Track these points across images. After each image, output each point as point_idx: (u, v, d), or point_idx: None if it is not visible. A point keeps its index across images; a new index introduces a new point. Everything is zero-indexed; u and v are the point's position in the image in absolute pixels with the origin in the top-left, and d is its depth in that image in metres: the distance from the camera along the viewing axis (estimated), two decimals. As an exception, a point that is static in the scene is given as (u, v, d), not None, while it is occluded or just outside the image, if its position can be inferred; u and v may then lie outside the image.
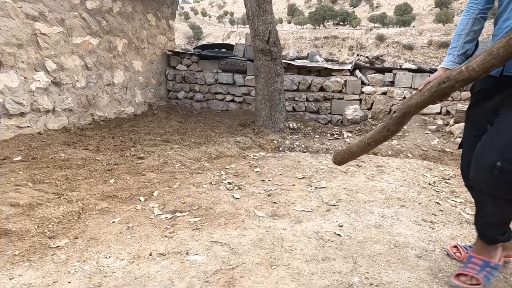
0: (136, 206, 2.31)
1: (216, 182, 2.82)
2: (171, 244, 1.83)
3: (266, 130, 4.72)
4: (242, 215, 2.21)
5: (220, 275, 1.56)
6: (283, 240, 1.88)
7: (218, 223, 2.09)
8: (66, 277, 1.52)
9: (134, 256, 1.70)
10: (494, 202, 1.33)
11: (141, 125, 4.88)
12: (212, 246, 1.82)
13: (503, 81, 1.39)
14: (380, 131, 1.50)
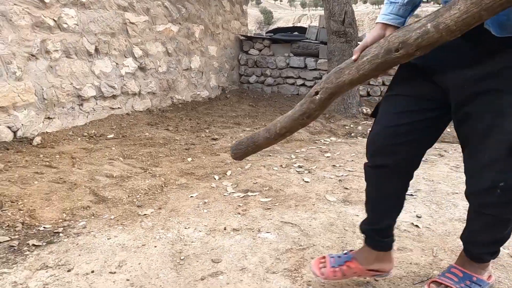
0: (211, 184, 2.45)
1: (286, 165, 2.85)
2: (244, 221, 1.92)
3: (337, 115, 4.59)
4: (313, 198, 2.20)
5: (290, 254, 1.59)
6: (355, 226, 1.84)
7: (289, 204, 2.12)
8: (152, 241, 1.69)
9: (210, 229, 1.82)
10: (492, 220, 1.10)
11: (214, 108, 5.10)
12: (283, 226, 1.86)
13: (476, 47, 0.99)
14: (298, 118, 1.14)
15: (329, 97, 1.07)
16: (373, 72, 0.98)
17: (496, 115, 0.97)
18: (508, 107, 0.96)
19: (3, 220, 1.77)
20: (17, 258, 1.50)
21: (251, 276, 1.43)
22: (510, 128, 0.97)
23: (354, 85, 1.04)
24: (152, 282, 1.39)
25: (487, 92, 0.98)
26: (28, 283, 1.35)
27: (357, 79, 1.00)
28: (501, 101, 0.96)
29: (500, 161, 0.99)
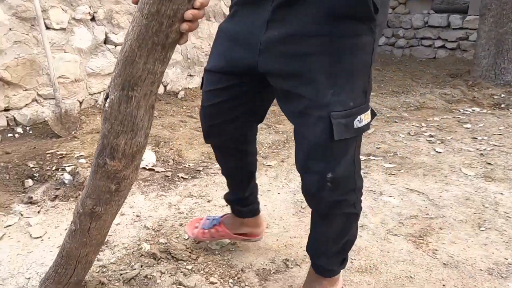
0: (332, 144, 2.46)
1: (415, 133, 2.63)
2: (365, 182, 1.88)
3: (484, 83, 3.91)
4: (445, 170, 2.00)
5: (415, 220, 1.52)
6: (498, 205, 1.61)
7: (416, 173, 1.98)
8: (276, 189, 1.83)
9: (330, 186, 1.86)
10: (331, 219, 0.92)
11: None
12: (407, 193, 1.76)
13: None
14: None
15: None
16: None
17: (306, 85, 0.79)
18: (316, 73, 0.77)
19: (160, 156, 2.16)
20: (171, 186, 1.83)
21: (371, 234, 1.43)
22: (324, 100, 0.78)
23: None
24: (276, 222, 1.53)
25: (293, 57, 0.79)
26: (179, 205, 1.65)
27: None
28: (308, 68, 0.78)
29: (322, 146, 0.81)
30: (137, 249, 1.32)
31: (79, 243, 0.90)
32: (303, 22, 0.77)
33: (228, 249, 1.34)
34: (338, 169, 0.83)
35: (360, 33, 0.77)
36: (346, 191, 0.87)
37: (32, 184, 1.85)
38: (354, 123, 0.79)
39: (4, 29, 2.36)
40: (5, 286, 1.13)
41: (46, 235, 1.42)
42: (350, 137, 0.81)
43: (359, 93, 0.81)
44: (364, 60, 0.79)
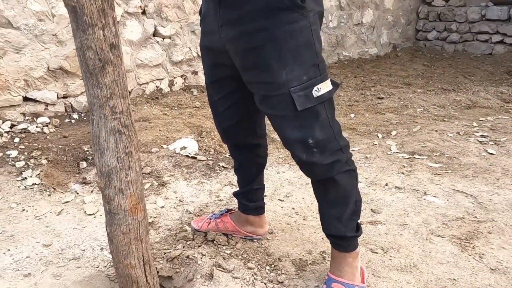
0: (374, 141, 2.40)
1: (464, 133, 2.49)
2: (408, 181, 1.83)
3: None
4: (497, 172, 1.88)
5: (461, 223, 1.45)
6: (557, 212, 1.50)
7: (464, 174, 1.88)
8: (314, 182, 1.83)
9: (371, 182, 1.83)
10: (328, 185, 1.02)
11: (382, 66, 4.78)
12: (454, 194, 1.68)
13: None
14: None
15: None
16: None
17: (264, 72, 0.92)
18: (268, 59, 0.91)
19: (202, 145, 2.24)
20: (212, 174, 1.89)
21: (413, 233, 1.39)
22: (281, 79, 0.91)
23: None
24: (313, 215, 1.53)
25: (248, 51, 0.93)
26: (219, 193, 1.71)
27: None
28: (261, 57, 0.91)
29: (292, 117, 0.94)
30: (180, 231, 1.39)
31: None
32: (246, 21, 0.91)
33: (266, 237, 1.37)
34: (316, 134, 0.94)
35: (295, 20, 0.89)
36: (334, 151, 0.98)
37: (86, 166, 2.00)
38: (313, 93, 0.92)
39: (65, 22, 2.54)
40: (64, 255, 1.25)
41: (98, 212, 1.53)
42: (314, 105, 0.93)
43: (309, 67, 0.92)
44: (305, 40, 0.91)
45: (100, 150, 0.84)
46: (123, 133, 0.83)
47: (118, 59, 0.79)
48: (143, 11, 2.96)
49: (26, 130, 2.41)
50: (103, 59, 0.77)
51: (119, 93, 0.80)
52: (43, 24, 2.45)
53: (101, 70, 0.77)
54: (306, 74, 0.91)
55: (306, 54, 0.91)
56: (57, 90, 2.63)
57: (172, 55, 3.24)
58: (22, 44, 2.40)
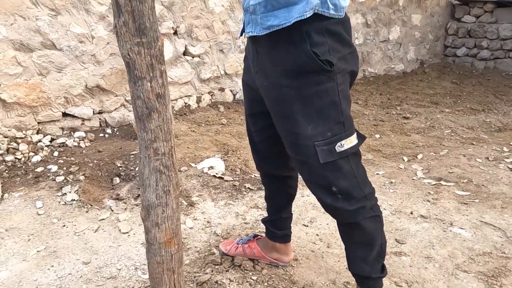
0: (399, 165, 2.39)
1: (494, 158, 2.44)
2: (434, 210, 1.82)
3: None
4: (528, 204, 1.84)
5: (489, 258, 1.44)
6: None
7: (492, 204, 1.85)
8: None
9: (395, 210, 1.83)
10: (353, 229, 1.07)
11: (409, 83, 4.73)
12: (481, 226, 1.66)
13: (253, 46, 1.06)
14: None
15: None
16: None
17: (292, 123, 0.99)
18: (296, 114, 0.97)
19: (228, 164, 2.31)
20: (238, 195, 1.96)
21: (438, 267, 1.39)
22: (307, 133, 0.97)
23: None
24: (337, 243, 1.56)
25: (279, 102, 1.01)
26: (245, 215, 1.77)
27: None
28: (290, 110, 0.98)
29: (317, 167, 0.99)
30: (208, 253, 1.45)
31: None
32: (277, 75, 0.99)
33: (291, 264, 1.41)
34: (340, 183, 1.00)
35: (321, 82, 0.95)
36: (358, 199, 1.02)
37: (119, 182, 2.11)
38: (336, 148, 0.98)
39: (103, 43, 2.70)
40: (101, 273, 1.34)
41: (132, 231, 1.62)
42: (336, 159, 0.98)
43: (334, 124, 0.98)
44: (331, 100, 0.97)
45: (143, 186, 0.92)
46: (163, 172, 0.90)
47: (163, 106, 0.87)
48: (174, 31, 3.10)
49: (64, 144, 2.57)
50: (149, 107, 0.85)
51: (163, 137, 0.88)
52: (83, 46, 2.62)
53: (148, 116, 0.86)
54: (330, 131, 0.97)
55: (331, 113, 0.97)
56: (93, 106, 2.79)
57: (201, 73, 3.35)
58: (64, 64, 2.57)
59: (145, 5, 0.78)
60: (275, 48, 0.98)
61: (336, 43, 0.95)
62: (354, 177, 1.01)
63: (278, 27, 0.94)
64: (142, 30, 0.79)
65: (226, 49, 3.48)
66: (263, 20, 0.96)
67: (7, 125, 2.49)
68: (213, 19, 3.30)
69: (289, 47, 0.95)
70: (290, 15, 0.92)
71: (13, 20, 2.32)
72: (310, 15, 0.91)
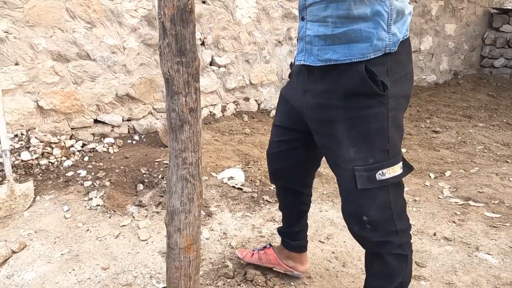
0: (425, 182, 2.31)
1: (530, 178, 2.29)
2: (459, 232, 1.74)
3: None
4: None
5: (517, 289, 1.35)
6: None
7: (525, 229, 1.74)
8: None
9: (417, 230, 1.76)
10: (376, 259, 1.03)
11: (441, 95, 4.56)
12: (510, 252, 1.57)
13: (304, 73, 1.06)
14: None
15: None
16: None
17: (335, 144, 0.98)
18: (340, 135, 0.97)
19: (248, 175, 2.33)
20: (256, 207, 1.96)
21: (459, 295, 1.33)
22: (348, 156, 0.96)
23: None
24: (353, 262, 1.52)
25: (324, 121, 1.00)
26: (261, 228, 1.77)
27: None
28: (334, 131, 0.98)
29: (352, 192, 0.98)
30: (221, 266, 1.47)
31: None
32: (327, 96, 0.98)
33: (303, 282, 1.39)
34: (372, 213, 0.97)
35: (371, 106, 0.93)
36: (387, 233, 0.99)
37: (142, 189, 2.18)
38: (376, 176, 0.94)
39: (134, 54, 2.82)
40: (118, 280, 1.39)
41: (150, 238, 1.67)
42: (374, 187, 0.95)
43: (378, 151, 0.95)
44: (378, 126, 0.94)
45: (170, 192, 0.97)
46: (189, 181, 0.95)
47: (195, 120, 0.93)
48: (202, 42, 3.18)
49: (94, 150, 2.69)
50: (182, 120, 0.91)
51: (192, 147, 0.94)
52: (115, 56, 2.75)
53: (180, 128, 0.92)
54: (373, 158, 0.94)
55: (377, 139, 0.94)
56: (123, 113, 2.91)
57: (226, 83, 3.41)
58: (97, 74, 2.71)
59: (187, 29, 0.85)
60: (329, 70, 0.97)
61: (394, 63, 0.93)
62: (389, 209, 0.97)
63: (336, 61, 0.94)
64: (183, 51, 0.86)
65: (252, 60, 3.52)
66: (320, 52, 0.96)
67: (43, 131, 2.65)
68: (240, 30, 3.36)
69: (342, 70, 0.94)
70: (351, 53, 0.92)
71: (52, 32, 2.48)
72: (372, 57, 0.91)
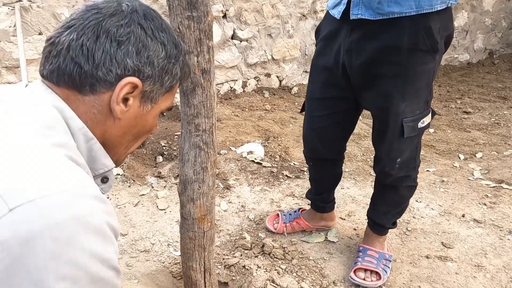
0: (454, 163, 2.19)
1: None
2: (490, 214, 1.64)
3: None
4: None
5: (553, 275, 1.26)
6: None
7: None
8: (380, 203, 1.75)
9: (445, 211, 1.68)
10: (391, 190, 1.24)
11: (474, 75, 4.31)
12: (547, 237, 1.47)
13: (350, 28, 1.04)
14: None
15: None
16: None
17: (384, 99, 1.04)
18: (392, 90, 1.02)
19: (268, 150, 2.28)
20: (275, 182, 1.92)
21: (489, 278, 1.25)
22: (398, 110, 1.04)
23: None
24: (376, 240, 1.46)
25: (374, 78, 1.03)
26: (280, 203, 1.73)
27: None
28: (386, 86, 1.02)
29: (396, 140, 1.09)
30: (239, 237, 1.45)
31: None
32: (380, 53, 0.99)
33: (323, 257, 1.35)
34: (405, 155, 1.12)
35: (426, 62, 0.98)
36: (410, 169, 1.17)
37: (162, 161, 2.18)
38: (418, 124, 1.07)
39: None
40: (136, 246, 1.39)
41: (168, 208, 1.66)
42: (416, 134, 1.09)
43: (423, 103, 1.06)
44: (428, 81, 1.03)
45: (182, 160, 0.92)
46: (203, 149, 0.90)
47: (208, 83, 0.85)
48: (224, 15, 3.09)
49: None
50: (194, 82, 0.84)
51: (205, 113, 0.87)
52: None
53: (192, 91, 0.85)
54: (419, 109, 1.05)
55: (424, 92, 1.04)
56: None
57: (248, 58, 3.32)
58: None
59: None
60: (386, 24, 0.95)
61: (446, 19, 0.96)
62: (415, 150, 1.14)
63: (400, 14, 0.92)
64: (193, 4, 0.78)
65: (275, 34, 3.41)
66: (381, 5, 0.94)
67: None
68: (263, 3, 3.24)
69: (404, 24, 0.94)
70: (419, 5, 0.91)
71: (74, 2, 2.46)
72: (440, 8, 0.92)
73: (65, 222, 0.39)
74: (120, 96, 0.53)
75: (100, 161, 0.56)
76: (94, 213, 0.43)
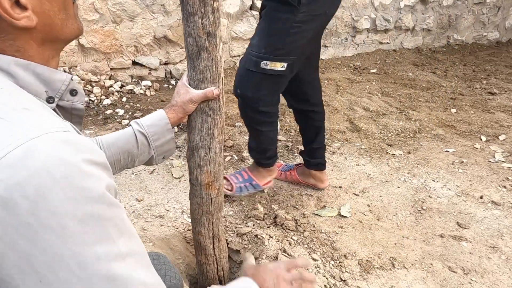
0: (475, 144, 2.13)
1: None
2: (510, 197, 1.60)
3: None
4: None
5: None
6: None
7: None
8: (396, 181, 1.72)
9: (462, 192, 1.64)
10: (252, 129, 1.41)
11: (502, 55, 4.10)
12: None
13: None
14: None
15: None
16: None
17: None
18: (257, 26, 1.25)
19: (284, 124, 2.26)
20: (289, 156, 1.91)
21: (504, 260, 1.24)
22: (252, 41, 1.23)
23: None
24: (389, 217, 1.45)
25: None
26: (294, 177, 1.73)
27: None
28: (259, 23, 1.26)
29: (241, 69, 1.27)
30: (252, 208, 1.46)
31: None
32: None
33: (335, 231, 1.36)
34: (245, 90, 1.25)
35: (281, 11, 1.15)
36: (252, 109, 1.28)
37: (177, 131, 2.19)
38: (261, 64, 1.20)
39: (173, -7, 2.71)
40: (151, 211, 1.42)
41: (183, 177, 1.68)
42: (256, 71, 1.21)
43: (271, 47, 1.18)
44: (280, 28, 1.16)
45: (190, 126, 0.91)
46: (209, 115, 0.88)
47: (213, 46, 0.83)
48: (243, -17, 2.99)
49: (132, 91, 2.72)
50: (199, 46, 0.81)
51: (211, 78, 0.85)
52: (154, -5, 2.66)
53: (197, 55, 0.82)
54: (264, 49, 1.18)
55: (274, 38, 1.17)
56: (160, 57, 2.87)
57: (266, 29, 3.24)
58: (136, 13, 2.65)
59: None
60: None
61: None
62: (258, 92, 1.25)
63: None
64: None
65: (295, 5, 3.29)
66: None
67: (84, 69, 2.69)
68: (284, -29, 3.11)
69: None
70: None
71: (91, -34, 2.42)
72: None
73: (30, 180, 0.37)
74: (5, 4, 0.44)
75: (53, 78, 0.52)
76: (59, 161, 0.38)
